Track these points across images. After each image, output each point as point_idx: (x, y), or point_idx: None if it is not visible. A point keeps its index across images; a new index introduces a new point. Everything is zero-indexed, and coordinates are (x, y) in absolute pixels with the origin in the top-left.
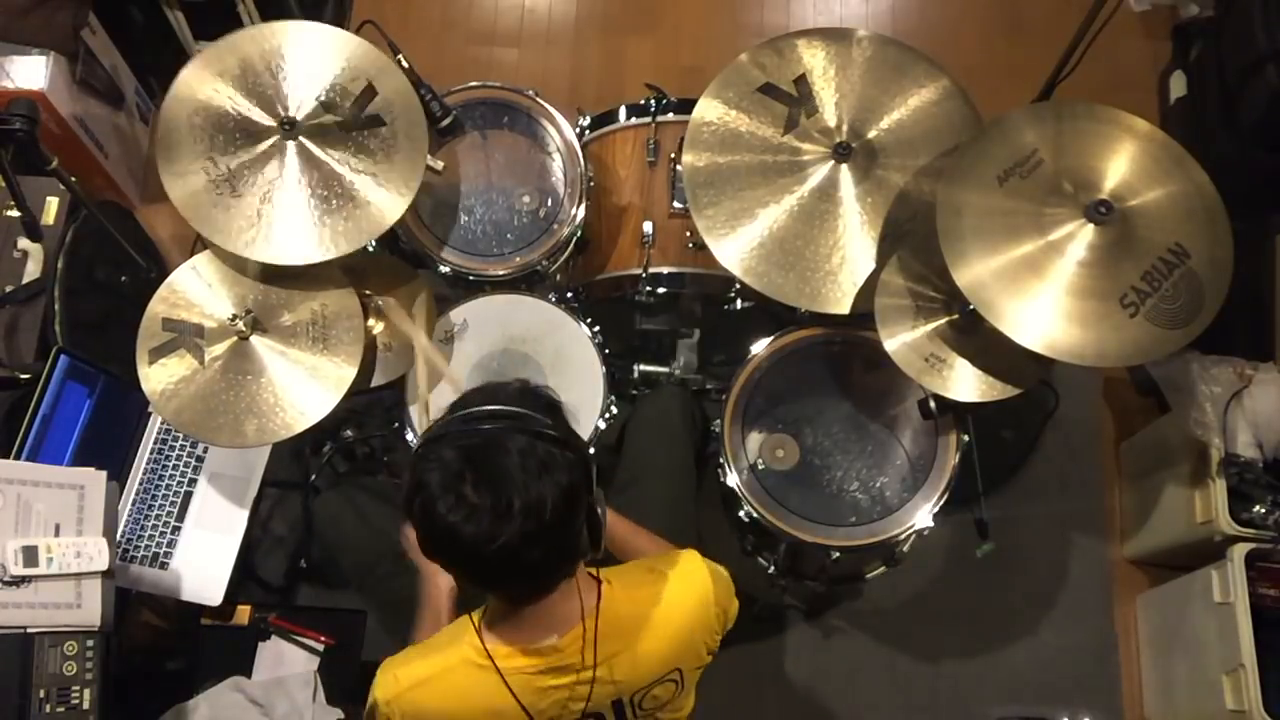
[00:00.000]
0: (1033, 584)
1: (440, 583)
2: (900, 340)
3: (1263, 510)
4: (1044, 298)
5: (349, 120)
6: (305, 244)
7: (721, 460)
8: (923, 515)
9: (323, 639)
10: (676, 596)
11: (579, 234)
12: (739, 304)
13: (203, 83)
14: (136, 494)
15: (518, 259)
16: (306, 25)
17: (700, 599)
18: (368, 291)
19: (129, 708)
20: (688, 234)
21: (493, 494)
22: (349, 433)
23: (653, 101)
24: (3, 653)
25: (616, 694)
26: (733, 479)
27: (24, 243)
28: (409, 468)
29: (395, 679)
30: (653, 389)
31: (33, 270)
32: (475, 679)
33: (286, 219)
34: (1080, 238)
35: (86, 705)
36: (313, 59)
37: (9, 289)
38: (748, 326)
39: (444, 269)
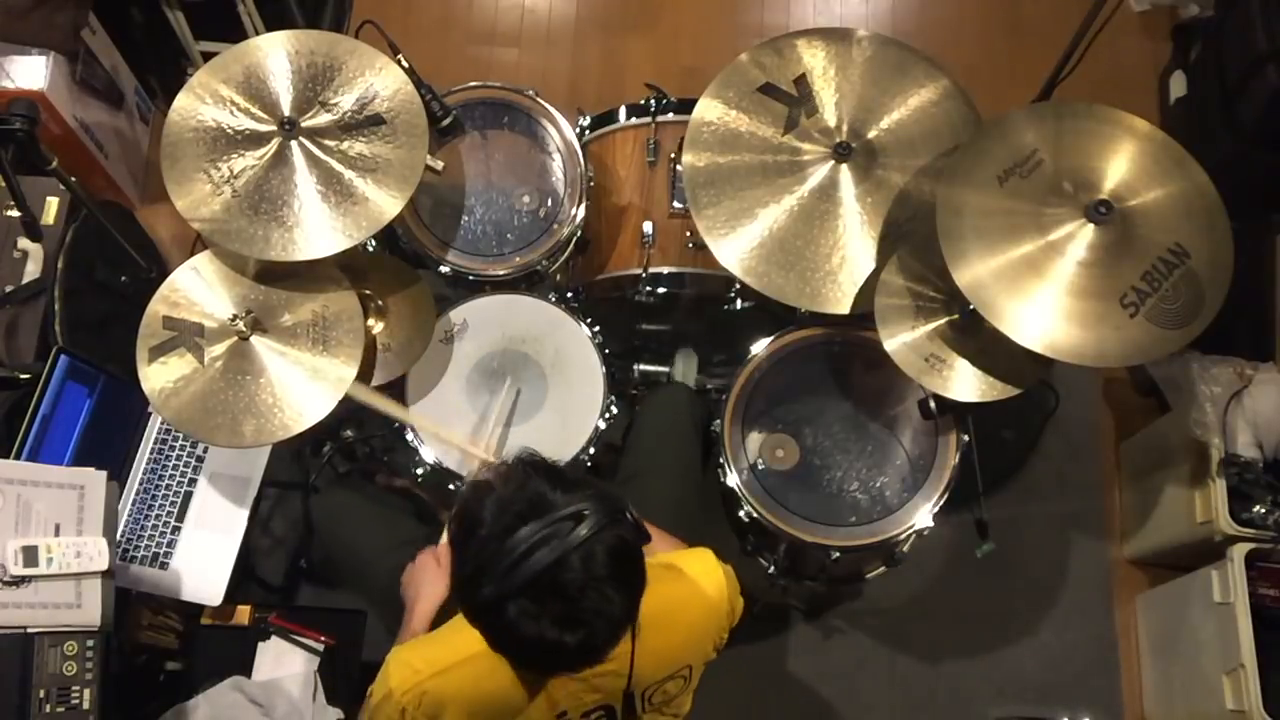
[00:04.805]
0: (1033, 584)
1: (425, 610)
2: (900, 340)
3: (1263, 510)
4: (1044, 298)
5: (349, 120)
6: (306, 242)
7: (721, 460)
8: (923, 515)
9: (323, 639)
10: (693, 594)
11: (579, 234)
12: (739, 304)
13: (204, 92)
14: (136, 494)
15: (518, 259)
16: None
17: (715, 596)
18: (368, 291)
19: (129, 708)
20: (688, 234)
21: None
22: (349, 433)
23: (653, 101)
24: (3, 653)
25: (630, 687)
26: (733, 479)
27: (24, 243)
28: (482, 609)
29: (412, 668)
30: (658, 387)
31: (33, 270)
32: (493, 668)
33: (288, 219)
34: (1080, 238)
35: (86, 705)
36: (310, 64)
37: (9, 289)
38: (748, 326)
39: (444, 269)
